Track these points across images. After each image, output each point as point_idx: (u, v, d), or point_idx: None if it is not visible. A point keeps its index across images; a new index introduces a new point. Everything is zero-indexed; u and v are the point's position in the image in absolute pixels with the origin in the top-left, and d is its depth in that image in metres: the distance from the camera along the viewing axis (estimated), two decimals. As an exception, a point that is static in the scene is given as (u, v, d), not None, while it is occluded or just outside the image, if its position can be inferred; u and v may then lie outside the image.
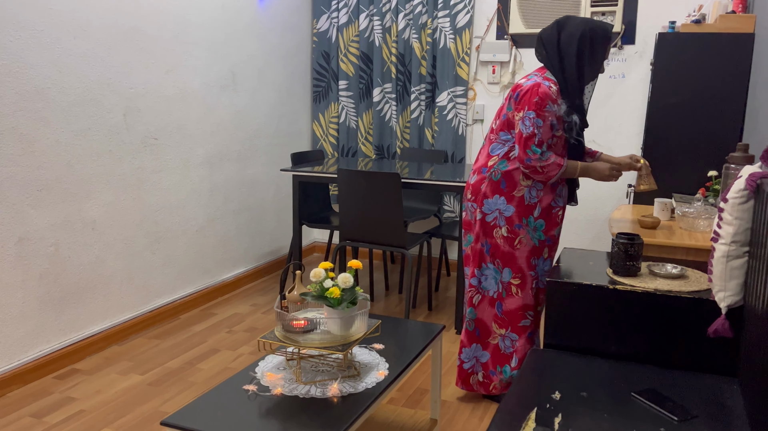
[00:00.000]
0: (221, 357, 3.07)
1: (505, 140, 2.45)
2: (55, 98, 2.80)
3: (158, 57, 3.32)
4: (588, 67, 2.37)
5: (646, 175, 2.51)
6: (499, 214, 2.46)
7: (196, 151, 3.66)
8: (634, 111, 3.94)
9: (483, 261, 2.52)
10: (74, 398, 2.65)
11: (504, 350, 2.55)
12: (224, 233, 3.96)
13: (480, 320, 2.57)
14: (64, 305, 2.92)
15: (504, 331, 2.54)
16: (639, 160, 2.49)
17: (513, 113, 2.41)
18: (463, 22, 4.18)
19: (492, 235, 2.48)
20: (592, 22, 2.36)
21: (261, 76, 4.15)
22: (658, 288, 1.98)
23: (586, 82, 2.40)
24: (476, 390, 2.61)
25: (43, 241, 2.79)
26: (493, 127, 2.52)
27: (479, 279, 2.54)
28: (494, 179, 2.45)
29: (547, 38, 2.40)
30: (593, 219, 4.15)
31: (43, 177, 2.77)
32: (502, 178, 2.44)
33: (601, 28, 2.35)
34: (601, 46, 2.36)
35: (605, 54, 2.39)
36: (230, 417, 1.61)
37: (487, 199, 2.47)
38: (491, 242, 2.49)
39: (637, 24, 3.85)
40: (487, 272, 2.52)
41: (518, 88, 2.40)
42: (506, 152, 2.45)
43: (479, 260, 2.52)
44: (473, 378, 2.60)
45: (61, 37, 2.79)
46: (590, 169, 2.43)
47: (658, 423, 1.61)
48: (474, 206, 2.52)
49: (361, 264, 1.97)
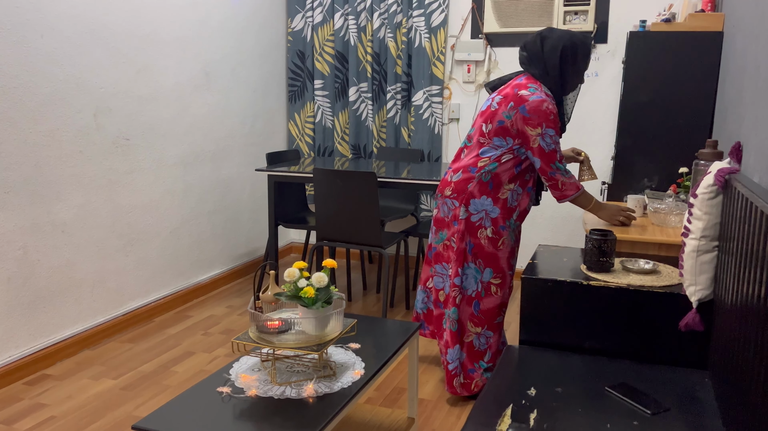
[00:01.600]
0: (196, 359, 3.03)
1: (499, 145, 2.47)
2: (22, 98, 2.73)
3: (129, 56, 3.27)
4: (570, 78, 2.46)
5: (587, 168, 2.60)
6: (486, 215, 2.49)
7: (170, 152, 3.61)
8: (607, 109, 3.99)
9: (465, 261, 2.52)
10: (45, 404, 2.59)
11: (478, 347, 2.57)
12: (199, 234, 3.91)
13: (458, 320, 2.57)
14: (33, 309, 2.86)
15: (480, 329, 2.55)
16: (580, 153, 2.63)
17: (514, 122, 2.42)
18: (438, 21, 4.18)
19: (476, 235, 2.50)
20: (574, 36, 2.44)
21: (235, 76, 4.11)
22: (631, 283, 2.00)
23: (566, 92, 2.49)
24: (460, 393, 2.59)
25: (10, 244, 2.73)
26: (483, 130, 2.50)
27: (462, 278, 2.54)
28: (484, 180, 2.47)
29: (531, 49, 2.48)
30: (568, 217, 4.19)
31: (10, 178, 2.71)
32: (491, 180, 2.47)
33: (582, 41, 2.43)
34: (583, 59, 2.46)
35: (586, 66, 2.48)
36: (203, 420, 1.58)
37: (474, 199, 2.48)
38: (474, 242, 2.50)
39: (609, 23, 3.90)
40: (468, 272, 2.53)
41: (521, 99, 2.40)
42: (499, 156, 2.47)
43: (462, 260, 2.52)
44: (456, 381, 2.58)
45: (27, 36, 2.73)
46: (602, 207, 2.53)
47: (632, 416, 1.62)
48: (454, 204, 2.52)
49: (336, 264, 1.96)
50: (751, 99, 2.08)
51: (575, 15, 3.94)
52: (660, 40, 3.04)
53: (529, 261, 2.26)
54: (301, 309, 1.77)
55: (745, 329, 1.42)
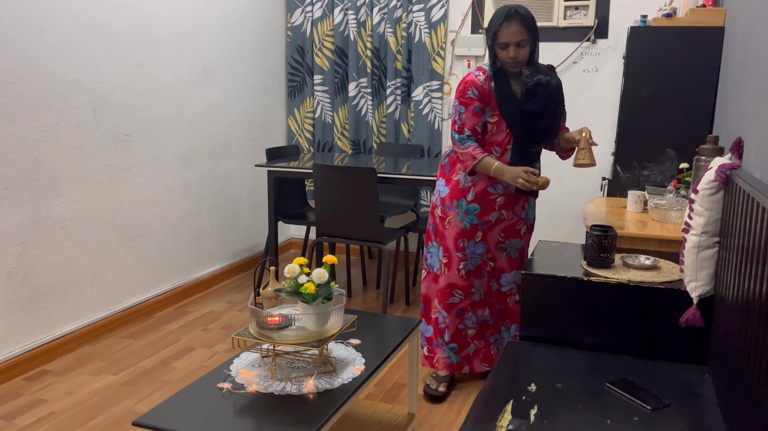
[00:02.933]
0: (196, 355, 3.03)
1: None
2: (21, 93, 2.72)
3: (127, 51, 3.26)
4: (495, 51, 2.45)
5: (584, 148, 2.44)
6: (438, 195, 2.63)
7: (169, 147, 3.60)
8: (608, 104, 3.98)
9: (429, 239, 2.70)
10: (45, 399, 2.59)
11: (440, 324, 2.67)
12: (198, 230, 3.90)
13: (425, 296, 2.73)
14: (33, 305, 2.85)
15: (439, 307, 2.66)
16: (582, 132, 2.48)
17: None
18: (438, 16, 4.17)
19: (433, 215, 2.66)
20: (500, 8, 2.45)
21: (234, 71, 4.10)
22: (632, 279, 1.99)
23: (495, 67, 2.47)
24: (423, 364, 2.74)
25: (9, 240, 2.72)
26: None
27: (426, 256, 2.72)
28: (443, 164, 2.66)
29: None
30: (568, 212, 4.19)
31: (8, 174, 2.70)
32: (448, 163, 2.62)
33: (498, 11, 2.43)
34: (494, 29, 2.40)
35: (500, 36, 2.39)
36: (204, 415, 1.58)
37: (437, 181, 2.67)
38: (432, 221, 2.67)
39: (610, 18, 3.88)
40: (432, 250, 2.69)
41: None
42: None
43: (427, 239, 2.70)
44: (421, 352, 2.74)
45: (25, 31, 2.72)
46: (504, 170, 2.43)
47: (632, 412, 1.62)
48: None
49: (336, 260, 1.95)
50: (752, 94, 2.07)
51: (575, 10, 3.93)
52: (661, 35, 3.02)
53: (530, 257, 2.25)
54: (302, 305, 1.77)
55: (745, 325, 1.42)
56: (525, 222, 2.67)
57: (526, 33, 2.40)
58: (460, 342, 2.66)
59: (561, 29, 3.99)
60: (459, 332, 2.65)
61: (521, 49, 2.42)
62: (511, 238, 2.65)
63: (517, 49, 2.41)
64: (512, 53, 2.41)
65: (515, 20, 2.39)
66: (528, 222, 2.69)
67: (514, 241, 2.66)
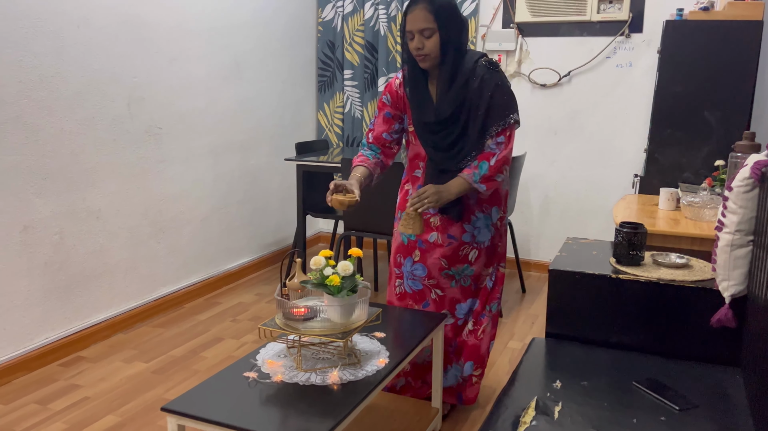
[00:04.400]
0: (225, 345, 3.08)
1: None
2: (59, 87, 2.80)
3: (161, 46, 3.32)
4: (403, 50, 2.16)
5: (410, 215, 2.07)
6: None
7: (200, 141, 3.66)
8: (641, 100, 3.90)
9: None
10: (79, 385, 2.67)
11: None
12: (228, 223, 3.96)
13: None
14: (69, 293, 2.94)
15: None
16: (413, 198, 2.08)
17: None
18: (469, 11, 4.14)
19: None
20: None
21: (265, 66, 4.14)
22: (662, 277, 1.96)
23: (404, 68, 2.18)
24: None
25: (47, 230, 2.81)
26: None
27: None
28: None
29: None
30: (598, 210, 4.13)
31: (47, 166, 2.78)
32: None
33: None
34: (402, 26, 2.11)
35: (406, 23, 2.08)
36: (230, 403, 1.61)
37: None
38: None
39: (645, 12, 3.81)
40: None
41: None
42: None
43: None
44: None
45: (63, 27, 2.79)
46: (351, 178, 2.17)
47: (659, 412, 1.60)
48: None
49: (362, 253, 1.96)
50: (791, 89, 2.01)
51: (610, 3, 3.86)
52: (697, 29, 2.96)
53: (557, 254, 2.23)
54: (327, 297, 1.78)
55: (778, 325, 1.38)
56: (473, 246, 2.26)
57: (433, 20, 2.03)
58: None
59: (594, 23, 3.93)
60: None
61: (427, 39, 2.05)
62: (457, 265, 2.26)
63: (421, 38, 2.05)
64: (416, 43, 2.05)
65: (420, 5, 2.04)
66: (479, 246, 2.27)
67: (462, 268, 2.27)
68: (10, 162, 2.62)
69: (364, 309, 1.83)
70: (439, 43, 2.06)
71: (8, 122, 2.60)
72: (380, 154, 2.29)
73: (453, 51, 2.09)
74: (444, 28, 2.05)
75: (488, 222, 2.27)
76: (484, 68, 2.12)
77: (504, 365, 2.91)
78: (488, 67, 2.12)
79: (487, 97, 2.10)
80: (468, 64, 2.12)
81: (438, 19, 2.03)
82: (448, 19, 2.05)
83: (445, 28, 2.05)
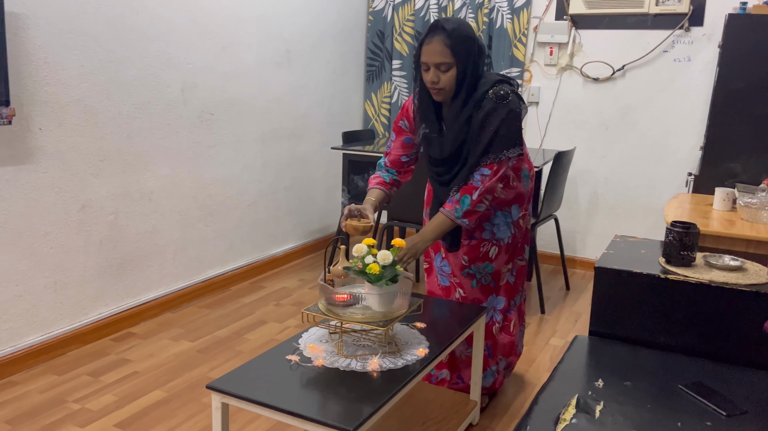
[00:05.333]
0: (268, 328, 3.15)
1: None
2: (118, 72, 2.89)
3: (215, 33, 3.39)
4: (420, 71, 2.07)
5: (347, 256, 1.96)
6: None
7: (250, 127, 3.72)
8: (699, 95, 3.77)
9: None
10: (129, 360, 2.77)
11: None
12: (275, 209, 4.03)
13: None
14: (122, 271, 3.05)
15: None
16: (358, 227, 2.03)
17: None
18: (522, 2, 4.07)
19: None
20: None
21: (315, 55, 4.18)
22: (713, 279, 1.90)
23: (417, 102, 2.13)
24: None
25: (103, 209, 2.91)
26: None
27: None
28: None
29: None
30: (649, 208, 4.02)
31: (105, 147, 2.88)
32: None
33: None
34: (419, 44, 2.04)
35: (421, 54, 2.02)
36: (272, 384, 1.65)
37: None
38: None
39: (706, 5, 3.67)
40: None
41: None
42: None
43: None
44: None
45: (124, 12, 2.88)
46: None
47: (705, 417, 1.56)
48: None
49: (404, 243, 1.97)
50: None
51: (669, -4, 3.73)
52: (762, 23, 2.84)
53: (604, 251, 2.19)
54: (369, 285, 1.80)
55: (837, 334, 1.33)
56: (492, 242, 2.26)
57: (450, 55, 1.96)
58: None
59: (652, 16, 3.81)
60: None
61: (443, 73, 1.99)
62: (477, 262, 2.27)
63: (437, 72, 1.98)
64: (431, 76, 1.99)
65: (438, 36, 1.95)
66: (499, 243, 2.26)
67: (482, 265, 2.27)
68: (72, 143, 2.73)
69: (405, 298, 1.85)
70: (455, 78, 2.00)
71: (70, 104, 2.70)
72: (397, 174, 2.30)
73: (468, 84, 2.03)
74: (462, 63, 1.99)
75: (508, 219, 2.26)
76: (491, 102, 2.04)
77: (545, 362, 2.88)
78: (496, 100, 2.03)
79: (489, 132, 2.04)
80: (477, 94, 2.04)
81: (456, 54, 1.97)
82: (466, 53, 1.98)
83: (462, 62, 1.99)
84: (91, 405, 2.40)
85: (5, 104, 2.37)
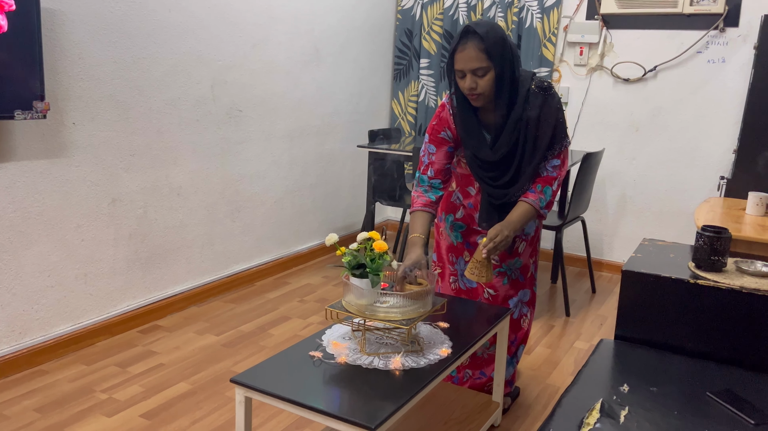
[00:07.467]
0: (292, 324, 3.17)
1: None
2: (150, 68, 2.94)
3: (246, 30, 3.42)
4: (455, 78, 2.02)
5: (478, 261, 2.00)
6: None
7: (278, 124, 3.75)
8: (733, 98, 3.69)
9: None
10: (155, 352, 2.82)
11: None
12: (301, 206, 4.06)
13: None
14: (150, 265, 3.10)
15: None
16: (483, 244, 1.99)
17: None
18: (552, 1, 4.03)
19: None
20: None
21: (344, 53, 4.19)
22: (745, 285, 1.86)
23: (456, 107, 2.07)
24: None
25: (133, 203, 2.97)
26: None
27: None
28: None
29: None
30: (679, 212, 3.95)
31: (135, 142, 2.93)
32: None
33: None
34: (451, 51, 1.99)
35: (455, 61, 1.96)
36: (295, 380, 1.66)
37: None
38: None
39: (742, 5, 3.59)
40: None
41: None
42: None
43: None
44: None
45: (157, 9, 2.93)
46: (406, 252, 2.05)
47: (733, 425, 1.53)
48: None
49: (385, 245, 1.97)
50: None
51: (704, -5, 3.66)
52: (801, 24, 2.76)
53: (632, 255, 2.16)
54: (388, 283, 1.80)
55: None
56: (522, 238, 2.26)
57: (486, 59, 1.91)
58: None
59: (686, 16, 3.74)
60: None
61: (481, 78, 1.95)
62: (508, 260, 2.27)
63: (474, 78, 1.94)
64: (468, 83, 1.95)
65: (472, 41, 1.91)
66: (527, 238, 2.28)
67: (512, 262, 2.28)
68: (104, 137, 2.78)
69: (429, 298, 1.84)
70: (493, 81, 1.96)
71: (103, 99, 2.76)
72: (441, 186, 2.19)
73: (508, 85, 1.98)
74: (498, 65, 1.94)
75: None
76: (538, 96, 2.02)
77: (569, 365, 2.85)
78: (541, 92, 2.02)
79: (550, 124, 2.02)
80: (521, 92, 2.01)
81: (491, 57, 1.92)
82: (501, 55, 1.94)
83: (499, 64, 1.94)
84: (118, 395, 2.45)
85: (40, 99, 2.43)
